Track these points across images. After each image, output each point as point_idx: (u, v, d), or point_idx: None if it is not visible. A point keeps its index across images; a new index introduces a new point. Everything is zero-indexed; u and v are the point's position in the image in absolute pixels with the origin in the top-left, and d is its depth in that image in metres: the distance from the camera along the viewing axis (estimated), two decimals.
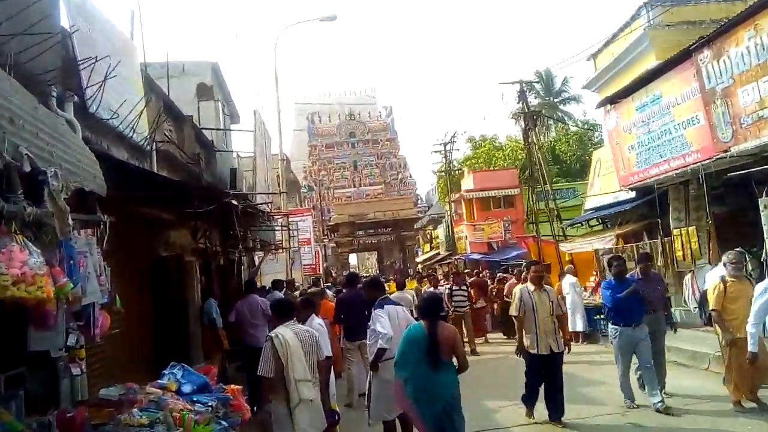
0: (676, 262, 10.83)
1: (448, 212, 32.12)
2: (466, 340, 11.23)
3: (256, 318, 8.41)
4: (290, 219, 19.03)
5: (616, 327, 6.55)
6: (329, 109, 53.78)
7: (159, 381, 4.78)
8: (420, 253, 41.40)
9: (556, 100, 42.29)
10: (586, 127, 36.21)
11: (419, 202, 47.62)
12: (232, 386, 5.16)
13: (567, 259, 14.38)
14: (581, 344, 11.44)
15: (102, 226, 4.71)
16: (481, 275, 16.28)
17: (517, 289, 6.53)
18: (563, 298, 11.89)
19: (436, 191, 48.69)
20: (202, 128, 10.28)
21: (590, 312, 11.59)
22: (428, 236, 41.86)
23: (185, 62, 12.55)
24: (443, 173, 38.01)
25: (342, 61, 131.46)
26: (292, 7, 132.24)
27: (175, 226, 8.18)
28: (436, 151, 30.92)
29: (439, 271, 28.54)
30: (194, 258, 9.72)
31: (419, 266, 36.61)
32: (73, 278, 3.74)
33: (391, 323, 5.34)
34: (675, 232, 10.53)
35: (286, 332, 4.59)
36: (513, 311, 6.35)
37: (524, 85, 16.35)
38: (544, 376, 6.15)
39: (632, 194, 12.31)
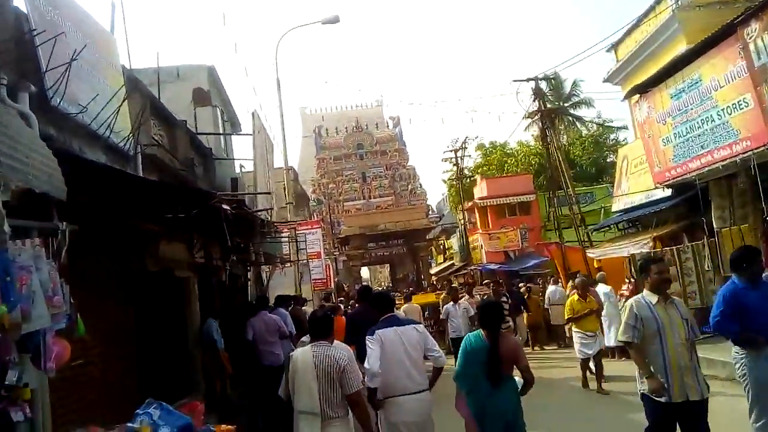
0: (723, 267, 9.77)
1: (462, 221, 31.12)
2: None
3: (273, 335, 8.08)
4: (299, 232, 18.18)
5: (746, 354, 4.31)
6: (336, 120, 53.23)
7: (129, 424, 3.86)
8: (434, 264, 40.36)
9: (566, 104, 41.37)
10: (602, 129, 35.15)
11: (430, 212, 46.65)
12: (223, 427, 4.23)
13: (595, 266, 13.33)
14: (618, 360, 10.40)
15: (60, 236, 3.85)
16: (501, 285, 15.23)
17: (630, 303, 4.27)
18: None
19: (447, 201, 47.72)
20: (197, 133, 9.45)
21: None
22: (441, 247, 40.84)
23: (180, 66, 11.80)
24: (455, 181, 37.17)
25: (347, 67, 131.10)
26: (295, 10, 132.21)
27: (167, 238, 7.30)
28: (446, 159, 30.02)
29: (454, 282, 27.47)
30: (191, 274, 8.83)
31: (433, 278, 35.56)
32: (7, 299, 2.91)
33: (385, 351, 4.30)
34: (724, 231, 9.48)
35: (301, 352, 4.03)
36: (624, 335, 4.14)
37: (539, 82, 15.42)
38: None
39: (668, 192, 11.28)
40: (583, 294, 7.56)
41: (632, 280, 11.98)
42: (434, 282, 33.83)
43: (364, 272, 53.26)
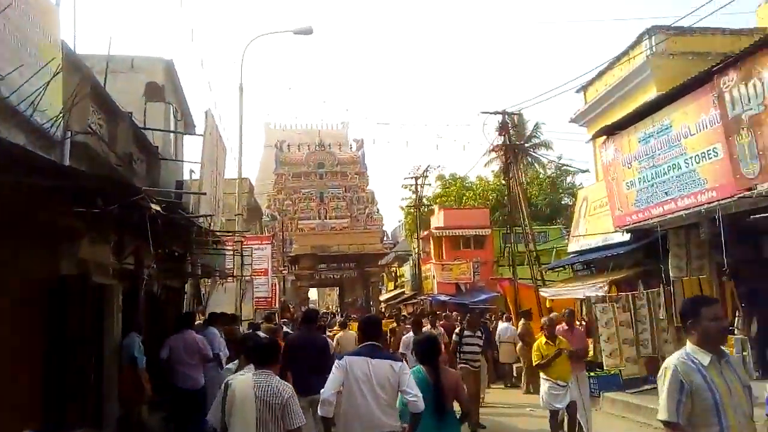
0: (676, 317, 9.60)
1: (416, 249, 30.75)
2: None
3: (192, 357, 7.24)
4: (246, 246, 17.27)
5: None
6: (300, 138, 52.51)
7: None
8: (384, 291, 39.77)
9: (527, 144, 42.24)
10: (560, 171, 35.85)
11: (385, 238, 46.23)
12: None
13: (547, 306, 13.07)
14: None
15: None
16: (453, 316, 14.74)
17: (672, 363, 2.90)
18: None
19: (403, 228, 47.48)
20: (143, 128, 8.64)
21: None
22: (393, 274, 40.34)
23: (135, 57, 10.97)
24: (412, 209, 36.92)
25: (314, 81, 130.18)
26: (262, 19, 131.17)
27: (89, 238, 6.45)
28: (406, 186, 29.74)
29: (404, 311, 26.89)
30: (115, 281, 7.93)
31: (383, 305, 34.91)
32: None
33: (348, 381, 3.96)
34: (683, 281, 9.32)
35: (241, 381, 3.71)
36: (665, 413, 2.81)
37: (507, 117, 15.34)
38: None
39: (626, 237, 11.14)
40: (551, 336, 7.01)
41: (584, 323, 11.75)
42: (383, 309, 33.17)
43: (313, 294, 52.08)
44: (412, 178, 29.44)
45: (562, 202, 35.68)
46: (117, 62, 9.83)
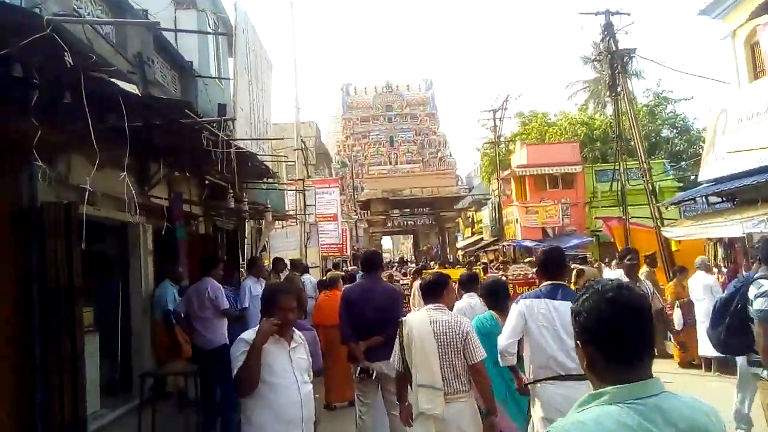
0: None
1: (497, 191, 28.25)
2: None
3: (203, 310, 5.85)
4: (310, 188, 15.73)
5: None
6: (365, 81, 50.31)
7: None
8: (460, 238, 37.76)
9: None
10: (657, 99, 31.74)
11: (459, 183, 43.77)
12: None
13: (674, 249, 10.54)
14: (714, 375, 7.77)
15: None
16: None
17: None
18: (686, 304, 8.19)
19: (479, 171, 44.82)
20: (158, 28, 6.85)
21: None
22: (470, 219, 38.14)
23: None
24: (489, 149, 34.16)
25: (379, 28, 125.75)
26: None
27: (80, 157, 4.85)
28: (483, 124, 27.05)
29: (483, 259, 24.87)
30: (141, 218, 6.43)
31: (459, 252, 32.98)
32: None
33: (522, 324, 3.45)
34: None
35: (416, 319, 3.64)
36: None
37: (611, 16, 12.41)
38: None
39: None
40: None
41: (730, 267, 9.23)
42: (460, 257, 31.28)
43: (386, 242, 50.94)
44: (489, 111, 26.62)
45: (662, 135, 31.61)
46: None
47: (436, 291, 3.65)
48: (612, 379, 1.26)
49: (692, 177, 31.46)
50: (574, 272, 7.62)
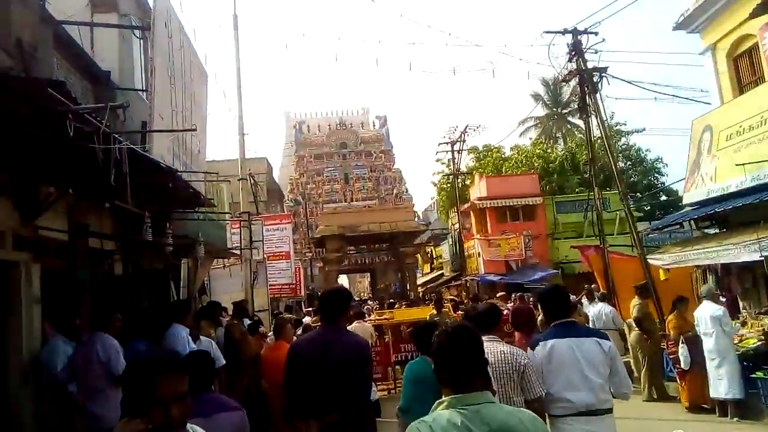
0: None
1: (456, 224, 27.36)
2: None
3: (93, 378, 4.29)
4: (266, 225, 14.28)
5: None
6: (318, 120, 49.45)
7: None
8: (420, 274, 36.57)
9: (564, 111, 38.47)
10: (611, 131, 31.90)
11: (417, 218, 42.92)
12: None
13: (662, 279, 9.58)
14: (732, 421, 6.68)
15: None
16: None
17: None
18: (692, 338, 7.18)
19: (436, 206, 44.17)
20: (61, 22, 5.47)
21: (745, 365, 6.78)
22: (429, 255, 37.14)
23: None
24: (446, 184, 33.50)
25: (332, 67, 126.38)
26: None
27: None
28: (442, 151, 26.35)
29: (446, 295, 23.64)
30: (29, 256, 4.88)
31: (420, 289, 31.73)
32: None
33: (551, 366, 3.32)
34: None
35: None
36: None
37: (578, 37, 11.82)
38: None
39: None
40: None
41: (726, 296, 8.31)
42: (421, 294, 30.01)
43: (343, 281, 49.19)
44: (447, 143, 25.93)
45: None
46: None
47: (489, 322, 3.51)
48: (449, 391, 1.81)
49: (647, 207, 31.91)
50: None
